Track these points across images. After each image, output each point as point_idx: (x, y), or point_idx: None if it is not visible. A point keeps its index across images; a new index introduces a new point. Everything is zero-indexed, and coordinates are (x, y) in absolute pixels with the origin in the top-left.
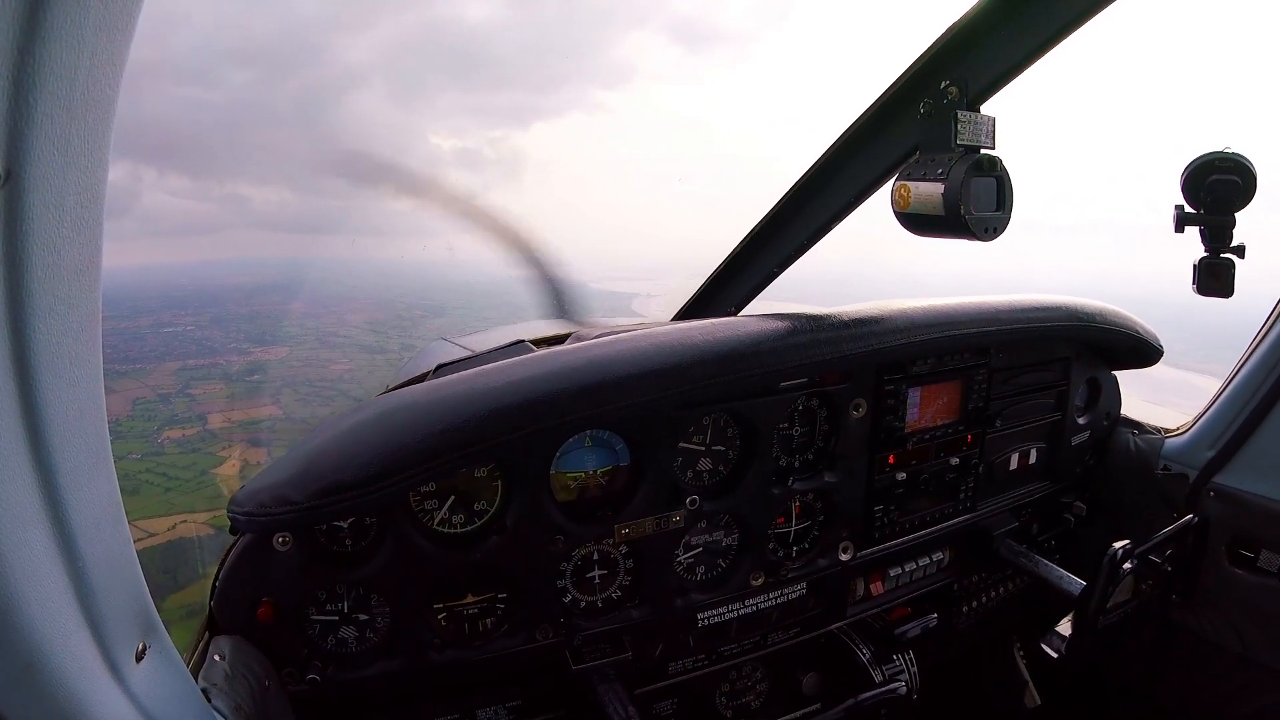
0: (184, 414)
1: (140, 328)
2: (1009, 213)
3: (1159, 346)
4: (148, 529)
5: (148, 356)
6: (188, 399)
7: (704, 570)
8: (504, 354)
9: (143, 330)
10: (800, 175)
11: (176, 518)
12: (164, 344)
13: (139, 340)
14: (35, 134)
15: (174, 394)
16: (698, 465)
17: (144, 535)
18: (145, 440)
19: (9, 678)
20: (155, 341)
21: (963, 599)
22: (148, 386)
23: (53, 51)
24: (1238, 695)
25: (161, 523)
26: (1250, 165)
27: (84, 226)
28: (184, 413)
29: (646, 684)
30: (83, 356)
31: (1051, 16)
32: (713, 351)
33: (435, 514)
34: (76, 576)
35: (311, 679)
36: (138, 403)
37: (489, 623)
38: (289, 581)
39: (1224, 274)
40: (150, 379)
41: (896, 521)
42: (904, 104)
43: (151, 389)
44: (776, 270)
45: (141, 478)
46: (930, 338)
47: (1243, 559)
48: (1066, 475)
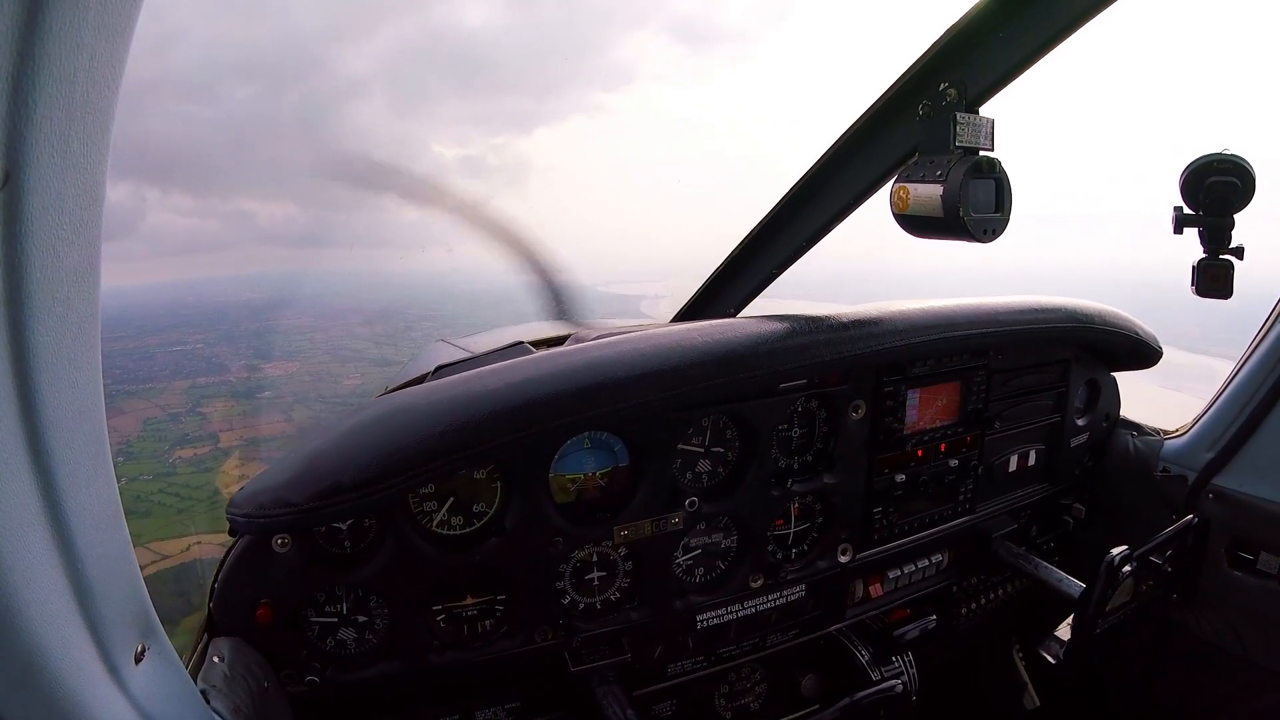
0: (195, 433)
1: (149, 347)
2: (1008, 214)
3: (1158, 348)
4: (161, 551)
5: (157, 376)
6: (198, 417)
7: (703, 572)
8: (503, 355)
9: (151, 349)
10: (799, 177)
11: (190, 539)
12: (173, 363)
13: (148, 360)
14: (34, 135)
15: (184, 413)
16: (697, 467)
17: (158, 558)
18: (157, 460)
19: (8, 679)
20: (164, 360)
21: (962, 601)
22: (158, 406)
23: (52, 53)
24: (1237, 697)
25: (175, 545)
26: (1249, 167)
27: (83, 228)
28: (195, 431)
29: (646, 685)
30: (82, 358)
31: (1051, 18)
32: (712, 353)
33: (434, 516)
34: (75, 578)
35: (310, 680)
36: (148, 423)
37: (488, 624)
38: (288, 583)
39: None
40: (160, 398)
41: (895, 523)
42: (903, 106)
43: (161, 408)
44: (776, 271)
45: (154, 499)
46: (929, 339)
47: (1242, 561)
48: (1066, 477)
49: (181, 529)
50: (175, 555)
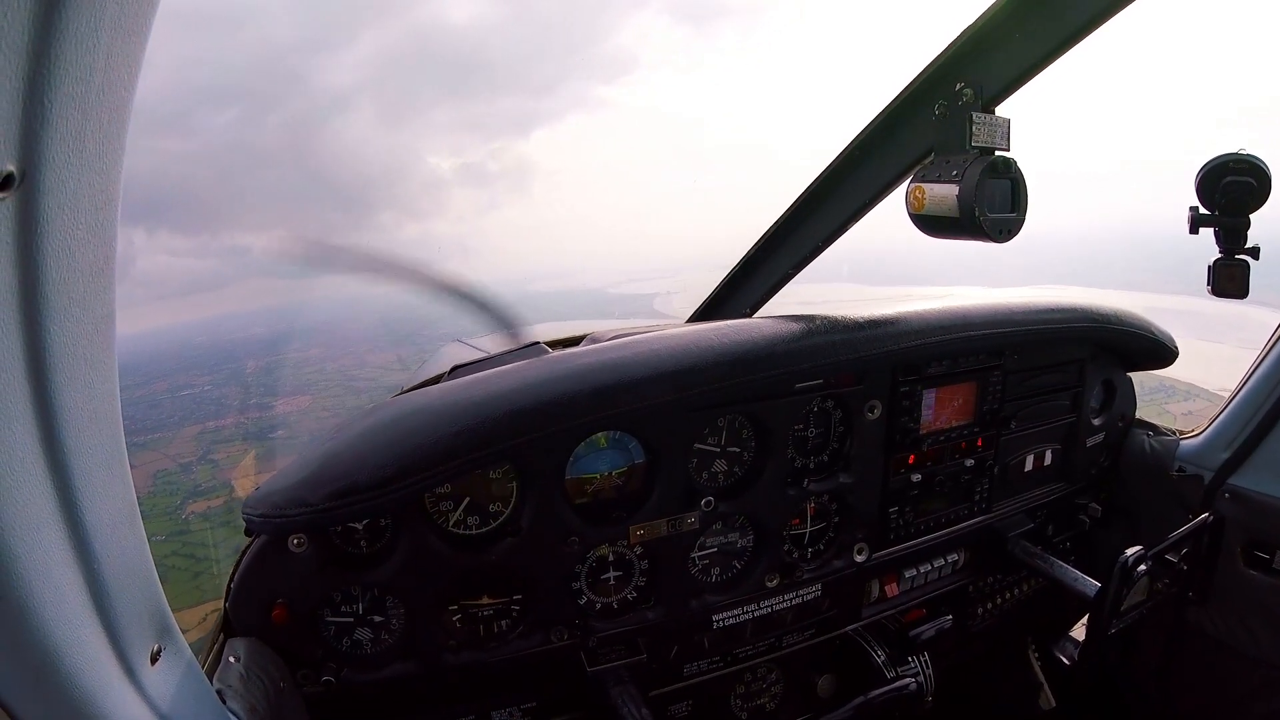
0: (208, 483)
1: (156, 394)
2: (1024, 214)
3: (1174, 348)
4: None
5: (166, 424)
6: (210, 465)
7: (719, 571)
8: (519, 356)
9: (158, 396)
10: (815, 177)
11: (208, 606)
12: (182, 408)
13: (156, 408)
14: (50, 135)
15: (195, 461)
16: (713, 466)
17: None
18: (170, 518)
19: (25, 679)
20: (172, 407)
21: (978, 600)
22: (168, 457)
23: (68, 52)
24: (1253, 697)
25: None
26: (1265, 166)
27: (99, 228)
28: (208, 481)
29: (661, 686)
30: (98, 358)
31: (1067, 18)
32: (727, 353)
33: (450, 515)
34: (91, 578)
35: (326, 680)
36: (159, 475)
37: (504, 624)
38: (304, 583)
39: (1239, 276)
40: (171, 448)
41: (911, 523)
42: (919, 106)
43: (172, 459)
44: (791, 272)
45: (168, 563)
46: (945, 339)
47: (1258, 560)
48: (1081, 477)
49: (199, 595)
50: (194, 627)
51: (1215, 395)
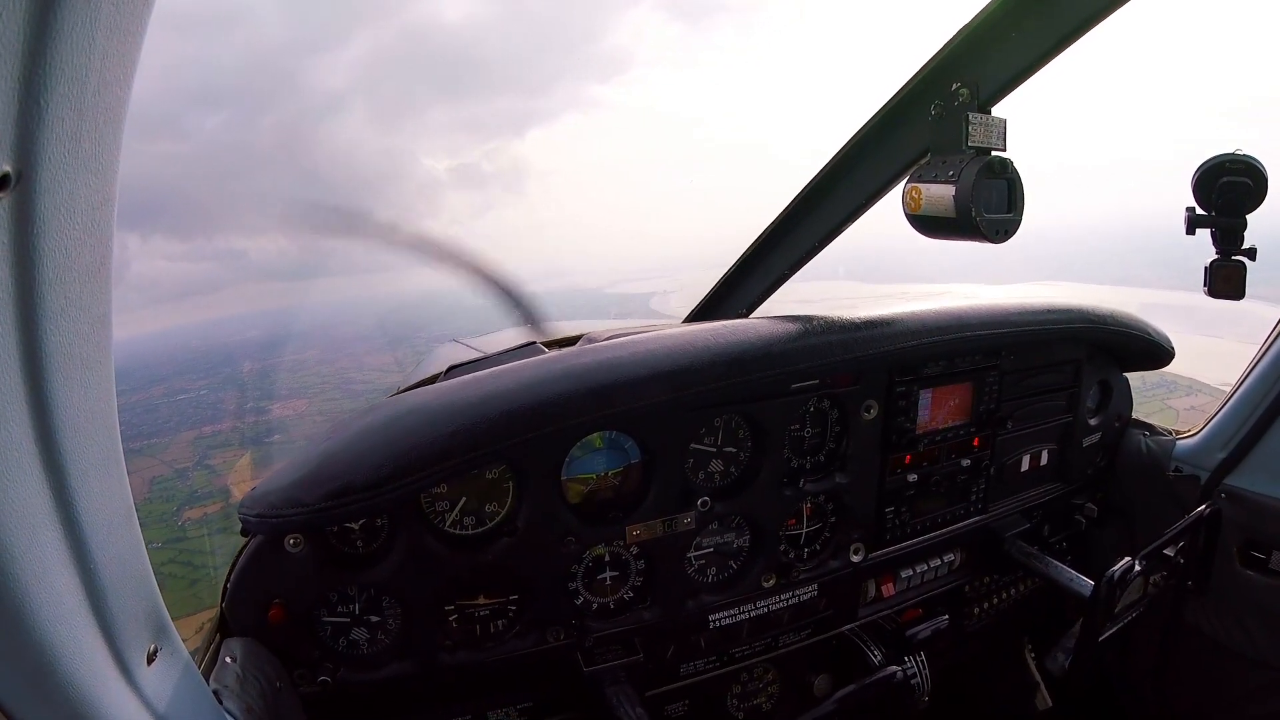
0: (204, 489)
1: (152, 398)
2: (1020, 214)
3: (1170, 349)
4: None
5: (162, 429)
6: (207, 470)
7: (715, 571)
8: (515, 355)
9: (155, 401)
10: (811, 178)
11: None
12: (178, 413)
13: (152, 412)
14: (46, 136)
15: (192, 467)
16: (709, 466)
17: None
18: (166, 525)
19: (21, 680)
20: (168, 412)
21: (974, 600)
22: (164, 463)
23: (64, 53)
24: (1248, 697)
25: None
26: (1261, 167)
27: (95, 229)
28: (204, 487)
29: (658, 686)
30: (94, 359)
31: (1064, 18)
32: (724, 353)
33: (447, 515)
34: (88, 579)
35: (323, 681)
36: (156, 482)
37: (500, 624)
38: (300, 583)
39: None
40: (167, 454)
41: (908, 523)
42: (915, 106)
43: (168, 465)
44: (788, 272)
45: (165, 571)
46: (941, 340)
47: (1254, 560)
48: (1078, 477)
49: (196, 604)
50: (190, 637)
51: (1217, 390)
